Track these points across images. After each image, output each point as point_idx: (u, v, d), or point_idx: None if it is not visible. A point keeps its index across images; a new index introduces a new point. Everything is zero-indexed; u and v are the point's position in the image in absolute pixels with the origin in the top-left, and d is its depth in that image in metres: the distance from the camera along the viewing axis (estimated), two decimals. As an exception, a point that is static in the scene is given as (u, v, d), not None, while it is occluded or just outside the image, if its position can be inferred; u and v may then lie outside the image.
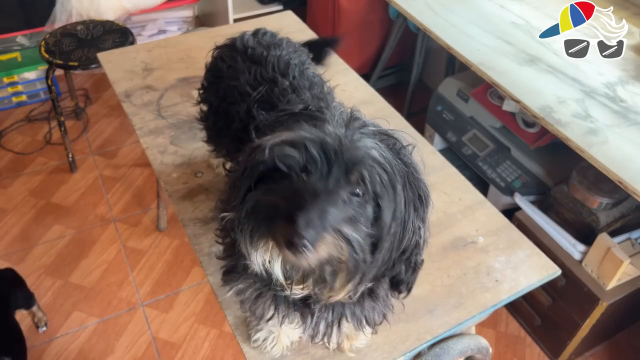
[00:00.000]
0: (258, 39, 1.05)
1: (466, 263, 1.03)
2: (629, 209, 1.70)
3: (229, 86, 0.99)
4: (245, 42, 1.04)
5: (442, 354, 0.93)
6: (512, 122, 1.98)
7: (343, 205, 0.59)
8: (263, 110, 0.89)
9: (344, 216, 0.59)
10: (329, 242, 0.58)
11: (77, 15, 2.57)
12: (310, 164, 0.59)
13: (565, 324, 1.79)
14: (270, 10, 3.02)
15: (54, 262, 2.09)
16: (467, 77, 2.21)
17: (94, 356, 1.84)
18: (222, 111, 1.00)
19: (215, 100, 1.04)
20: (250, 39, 1.05)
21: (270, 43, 1.04)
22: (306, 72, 0.99)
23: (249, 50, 1.02)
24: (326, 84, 1.03)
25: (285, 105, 0.87)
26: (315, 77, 1.01)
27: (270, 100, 0.91)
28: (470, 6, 1.93)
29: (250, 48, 1.02)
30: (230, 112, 0.96)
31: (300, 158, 0.59)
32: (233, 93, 0.97)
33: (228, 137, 0.97)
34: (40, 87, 2.79)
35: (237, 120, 0.94)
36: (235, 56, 1.03)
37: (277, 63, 0.97)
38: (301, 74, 0.97)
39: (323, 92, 0.97)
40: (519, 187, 1.93)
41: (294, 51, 1.05)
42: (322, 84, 1.01)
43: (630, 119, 1.48)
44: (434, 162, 1.24)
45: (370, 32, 2.74)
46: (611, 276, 1.58)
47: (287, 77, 0.95)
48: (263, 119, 0.87)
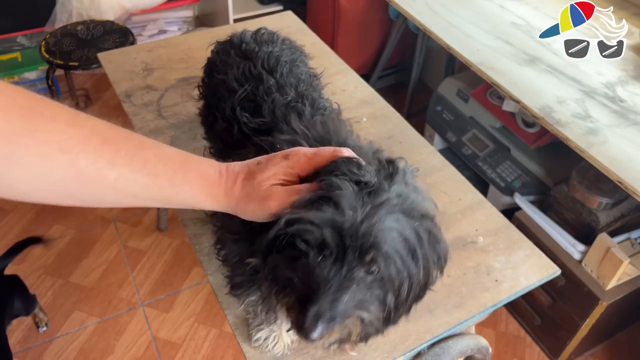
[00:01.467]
0: (256, 36, 1.05)
1: (466, 263, 1.03)
2: (629, 208, 1.70)
3: (219, 80, 0.98)
4: (242, 37, 1.04)
5: (442, 353, 0.93)
6: (512, 122, 1.98)
7: (357, 287, 0.60)
8: (246, 111, 0.88)
9: (356, 301, 0.60)
10: (339, 329, 0.60)
11: (78, 15, 2.57)
12: (325, 247, 0.59)
13: (565, 324, 1.79)
14: (270, 11, 3.02)
15: (54, 262, 2.10)
16: (467, 77, 2.21)
17: (94, 356, 1.84)
18: (213, 105, 0.99)
19: (209, 94, 1.04)
20: (247, 35, 1.05)
21: (265, 40, 1.03)
22: (295, 70, 0.98)
23: (243, 45, 1.01)
24: (316, 81, 1.03)
25: (269, 105, 0.87)
26: (304, 74, 0.99)
27: (255, 100, 0.90)
28: (470, 6, 1.93)
29: (244, 43, 1.02)
30: (219, 107, 0.95)
31: (316, 240, 0.59)
32: (221, 88, 0.96)
33: (215, 134, 0.97)
34: (41, 87, 2.79)
35: (219, 119, 0.93)
36: (229, 50, 1.03)
37: (266, 59, 0.96)
38: (289, 71, 0.96)
39: (309, 89, 0.95)
40: (519, 187, 1.93)
41: (288, 48, 1.04)
42: (309, 82, 0.99)
43: (630, 119, 1.48)
44: (434, 162, 1.24)
45: (370, 32, 2.74)
46: (611, 276, 1.59)
47: (274, 74, 0.94)
48: (247, 121, 0.87)
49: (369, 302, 0.62)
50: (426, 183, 1.18)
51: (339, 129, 0.77)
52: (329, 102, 0.98)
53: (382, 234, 0.59)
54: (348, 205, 0.59)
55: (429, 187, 1.15)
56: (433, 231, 0.66)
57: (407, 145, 1.27)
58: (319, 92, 1.01)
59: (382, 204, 0.60)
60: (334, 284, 0.59)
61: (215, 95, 0.98)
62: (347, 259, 0.59)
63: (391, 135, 1.30)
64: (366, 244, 0.58)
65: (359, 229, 0.58)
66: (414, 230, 0.63)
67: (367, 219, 0.59)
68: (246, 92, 0.91)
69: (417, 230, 0.63)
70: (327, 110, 0.93)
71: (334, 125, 0.78)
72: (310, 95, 0.93)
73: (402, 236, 0.61)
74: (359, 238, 0.58)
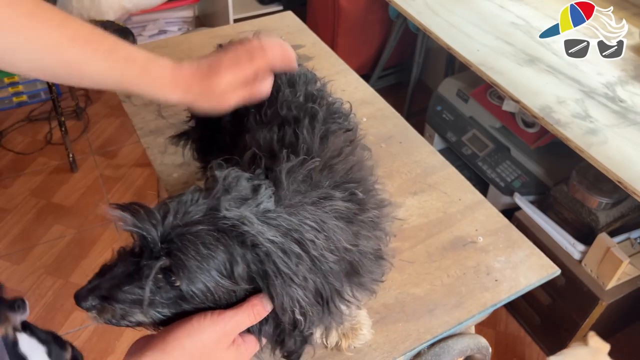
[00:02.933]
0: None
1: (466, 263, 1.03)
2: (629, 208, 1.70)
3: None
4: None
5: (442, 353, 0.93)
6: (512, 122, 1.98)
7: (145, 283, 0.59)
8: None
9: (137, 295, 0.59)
10: (109, 310, 0.61)
11: (77, 16, 2.57)
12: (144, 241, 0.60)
13: (565, 324, 1.79)
14: (270, 11, 3.02)
15: (55, 262, 2.10)
16: (467, 77, 2.21)
17: (95, 356, 1.84)
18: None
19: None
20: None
21: None
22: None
23: None
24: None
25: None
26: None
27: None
28: (470, 6, 1.93)
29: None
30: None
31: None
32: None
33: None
34: (41, 87, 2.79)
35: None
36: None
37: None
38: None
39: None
40: (519, 187, 1.93)
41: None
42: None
43: (629, 119, 1.48)
44: (434, 162, 1.24)
45: (370, 32, 2.75)
46: (611, 276, 1.59)
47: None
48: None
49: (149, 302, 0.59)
50: (426, 183, 1.18)
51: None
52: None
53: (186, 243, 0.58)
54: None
55: (429, 187, 1.16)
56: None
57: (407, 145, 1.28)
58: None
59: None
60: (129, 272, 0.59)
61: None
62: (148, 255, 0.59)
63: (391, 135, 1.30)
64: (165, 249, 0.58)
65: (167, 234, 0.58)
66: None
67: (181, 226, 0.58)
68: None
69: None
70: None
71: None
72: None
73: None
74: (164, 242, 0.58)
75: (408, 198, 1.14)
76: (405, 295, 0.96)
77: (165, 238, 0.58)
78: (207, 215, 0.59)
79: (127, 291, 0.59)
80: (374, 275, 0.73)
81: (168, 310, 0.60)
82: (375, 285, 0.75)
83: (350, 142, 0.80)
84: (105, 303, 0.59)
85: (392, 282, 0.98)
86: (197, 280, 0.57)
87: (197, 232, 0.58)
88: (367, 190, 0.73)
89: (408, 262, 1.02)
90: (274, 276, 0.59)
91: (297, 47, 1.54)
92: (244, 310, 0.60)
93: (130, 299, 0.59)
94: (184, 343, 0.58)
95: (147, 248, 0.59)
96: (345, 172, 0.72)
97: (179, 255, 0.57)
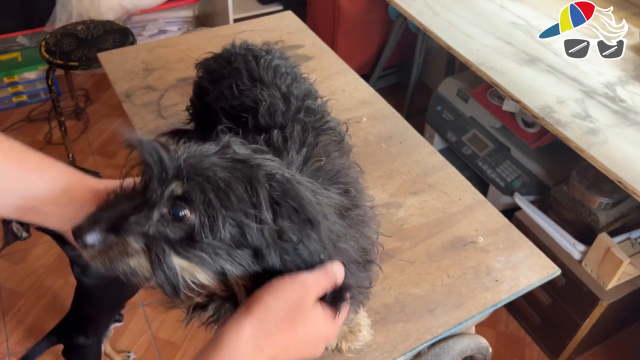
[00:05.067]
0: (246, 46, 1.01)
1: (466, 263, 1.03)
2: (629, 208, 1.70)
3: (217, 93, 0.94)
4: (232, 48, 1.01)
5: (442, 353, 0.93)
6: (512, 122, 1.98)
7: (157, 215, 0.54)
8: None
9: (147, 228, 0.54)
10: (116, 245, 0.55)
11: (77, 16, 2.58)
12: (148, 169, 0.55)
13: (565, 324, 1.79)
14: (270, 10, 3.02)
15: (54, 262, 2.10)
16: (467, 77, 2.21)
17: (94, 356, 1.84)
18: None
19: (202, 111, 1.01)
20: (238, 46, 1.01)
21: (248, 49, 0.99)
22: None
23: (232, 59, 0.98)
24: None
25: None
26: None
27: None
28: (470, 6, 1.93)
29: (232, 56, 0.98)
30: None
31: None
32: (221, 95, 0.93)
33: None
34: (41, 87, 2.79)
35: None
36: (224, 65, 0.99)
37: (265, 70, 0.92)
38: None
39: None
40: (519, 187, 1.93)
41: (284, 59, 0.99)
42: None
43: (629, 119, 1.48)
44: (434, 162, 1.24)
45: (370, 32, 2.75)
46: (611, 276, 1.59)
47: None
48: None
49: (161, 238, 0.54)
50: (426, 183, 1.18)
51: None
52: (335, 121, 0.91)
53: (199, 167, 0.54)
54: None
55: (429, 187, 1.16)
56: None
57: (407, 145, 1.28)
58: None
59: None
60: (135, 205, 0.54)
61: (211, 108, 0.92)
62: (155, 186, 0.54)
63: (391, 135, 1.30)
64: (176, 175, 0.54)
65: (177, 163, 0.54)
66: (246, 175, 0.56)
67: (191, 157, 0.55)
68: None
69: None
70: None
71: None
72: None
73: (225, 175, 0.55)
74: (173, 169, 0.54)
75: (408, 198, 1.14)
76: (405, 295, 0.96)
77: (178, 168, 0.54)
78: (219, 151, 0.58)
79: (136, 222, 0.53)
80: (362, 283, 0.72)
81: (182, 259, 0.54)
82: (363, 296, 0.74)
83: (340, 149, 0.81)
84: (112, 235, 0.53)
85: (392, 282, 0.98)
86: (216, 212, 0.52)
87: (211, 161, 0.55)
88: (359, 190, 0.73)
89: (408, 262, 1.02)
90: (308, 205, 0.56)
91: (297, 47, 1.54)
92: (320, 271, 0.59)
93: (141, 231, 0.53)
94: (268, 302, 0.57)
95: (158, 176, 0.54)
96: (336, 172, 0.71)
97: (196, 179, 0.53)
